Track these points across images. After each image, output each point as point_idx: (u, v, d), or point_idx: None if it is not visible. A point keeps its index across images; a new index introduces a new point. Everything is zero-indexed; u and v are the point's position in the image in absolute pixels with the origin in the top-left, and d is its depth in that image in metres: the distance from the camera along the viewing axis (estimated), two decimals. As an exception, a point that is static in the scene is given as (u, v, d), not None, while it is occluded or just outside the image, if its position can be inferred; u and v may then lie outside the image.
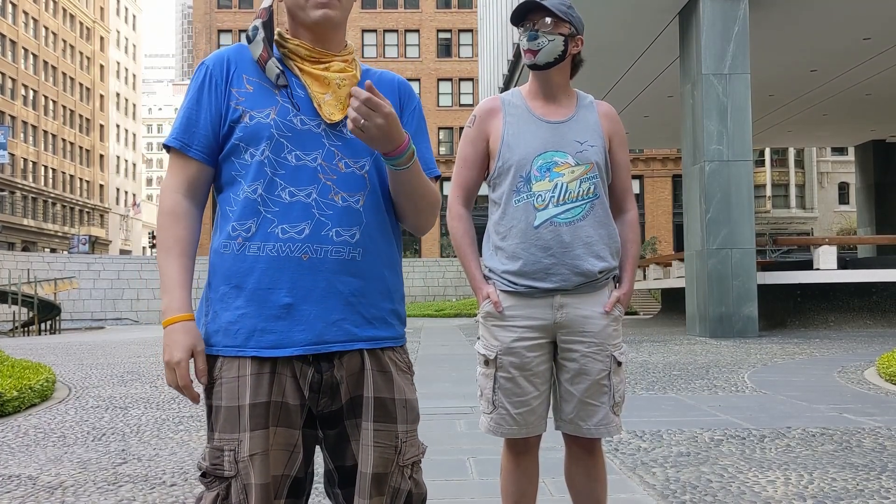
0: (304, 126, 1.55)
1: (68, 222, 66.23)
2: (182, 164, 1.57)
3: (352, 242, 1.55)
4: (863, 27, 15.51)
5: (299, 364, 1.52)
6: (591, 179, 2.17)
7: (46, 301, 29.75)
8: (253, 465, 1.46)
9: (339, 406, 1.56)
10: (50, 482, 3.69)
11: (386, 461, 1.55)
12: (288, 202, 1.52)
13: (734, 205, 13.14)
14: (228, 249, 1.53)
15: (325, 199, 1.54)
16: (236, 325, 1.51)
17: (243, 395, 1.48)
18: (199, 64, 1.61)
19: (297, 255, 1.51)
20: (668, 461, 3.89)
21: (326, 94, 1.58)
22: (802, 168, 55.06)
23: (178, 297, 1.51)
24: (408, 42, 48.96)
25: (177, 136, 1.57)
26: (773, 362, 8.70)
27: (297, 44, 1.59)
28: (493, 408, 2.21)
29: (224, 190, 1.58)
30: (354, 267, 1.55)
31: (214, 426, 1.51)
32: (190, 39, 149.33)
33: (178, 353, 1.47)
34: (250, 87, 1.57)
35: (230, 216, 1.54)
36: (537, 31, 2.16)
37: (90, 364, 10.36)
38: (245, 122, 1.54)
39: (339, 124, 1.58)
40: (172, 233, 1.54)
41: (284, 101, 1.56)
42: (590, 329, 2.16)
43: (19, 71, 59.28)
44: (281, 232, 1.51)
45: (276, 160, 1.53)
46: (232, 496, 1.47)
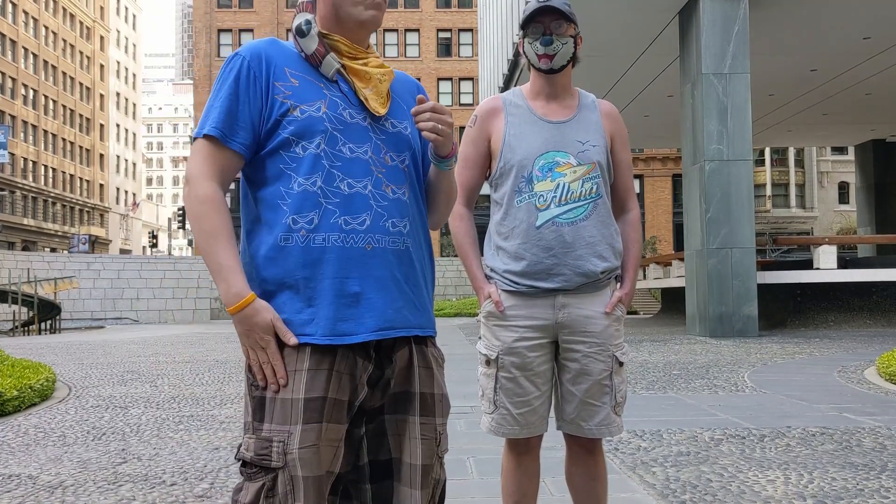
0: (353, 119, 1.58)
1: (68, 222, 66.23)
2: (218, 153, 1.55)
3: (404, 233, 1.60)
4: (863, 27, 15.51)
5: (362, 361, 1.54)
6: (594, 179, 2.17)
7: (46, 300, 29.74)
8: (302, 457, 1.46)
9: (382, 402, 1.60)
10: (50, 481, 3.69)
11: (431, 453, 1.62)
12: (347, 193, 1.54)
13: (734, 204, 13.14)
14: (291, 241, 1.52)
15: (379, 190, 1.57)
16: (304, 314, 1.51)
17: (298, 389, 1.49)
18: (231, 55, 1.59)
19: (361, 245, 1.53)
20: (668, 461, 3.89)
21: (367, 88, 1.61)
22: (802, 168, 55.05)
23: (237, 281, 1.49)
24: (408, 41, 48.95)
25: (217, 125, 1.54)
26: (773, 362, 8.70)
27: (338, 39, 1.60)
28: (494, 408, 2.21)
29: (269, 183, 1.56)
30: (407, 256, 1.60)
31: (265, 417, 1.50)
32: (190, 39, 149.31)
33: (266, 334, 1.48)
34: (295, 81, 1.57)
35: (285, 209, 1.53)
36: (551, 35, 2.14)
37: (90, 363, 10.35)
38: (295, 115, 1.54)
39: (382, 119, 1.63)
40: (218, 220, 1.52)
41: (333, 95, 1.58)
42: (591, 329, 2.16)
43: (19, 70, 59.27)
44: (344, 223, 1.53)
45: (332, 152, 1.55)
46: (278, 487, 1.46)
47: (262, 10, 47.93)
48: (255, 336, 1.48)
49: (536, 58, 2.17)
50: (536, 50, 2.16)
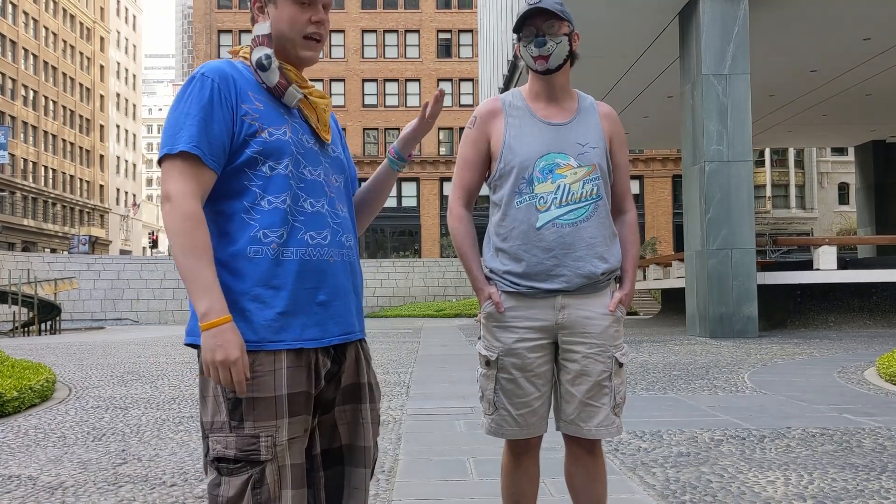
0: (309, 144, 1.74)
1: (68, 222, 66.23)
2: (197, 171, 1.62)
3: (352, 247, 1.79)
4: (863, 27, 15.51)
5: (323, 357, 1.69)
6: (594, 181, 2.17)
7: (46, 301, 29.75)
8: (290, 448, 1.61)
9: (335, 394, 1.75)
10: (50, 482, 3.69)
11: (376, 434, 1.83)
12: (311, 212, 1.70)
13: (734, 205, 13.14)
14: (261, 254, 1.63)
15: (332, 209, 1.74)
16: (277, 322, 1.63)
17: (280, 386, 1.61)
18: (197, 76, 1.65)
19: (325, 258, 1.69)
20: (668, 461, 3.89)
21: (313, 116, 1.76)
22: (802, 168, 55.04)
23: (219, 300, 1.57)
24: (408, 42, 48.95)
25: (196, 143, 1.61)
26: (773, 362, 8.70)
27: (289, 69, 1.73)
28: (494, 409, 2.21)
29: (235, 197, 1.66)
30: (353, 269, 1.79)
31: (245, 416, 1.60)
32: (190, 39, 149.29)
33: (235, 351, 1.55)
34: (260, 105, 1.68)
35: (251, 223, 1.64)
36: (544, 37, 2.14)
37: (90, 364, 10.36)
38: (264, 136, 1.65)
39: (327, 145, 1.80)
40: (200, 238, 1.59)
41: (294, 121, 1.72)
42: (591, 330, 2.16)
43: (19, 71, 59.28)
44: (310, 238, 1.68)
45: (297, 174, 1.69)
46: (266, 478, 1.58)
47: (262, 11, 47.90)
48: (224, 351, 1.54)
49: (532, 60, 2.17)
50: (531, 52, 2.16)
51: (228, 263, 1.64)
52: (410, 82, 48.57)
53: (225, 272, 1.63)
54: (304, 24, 1.71)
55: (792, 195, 54.66)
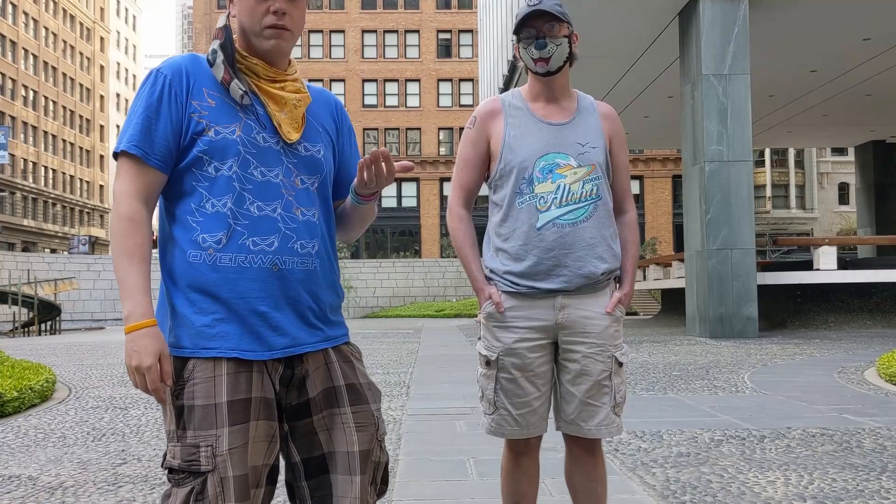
0: (266, 143, 1.63)
1: (68, 223, 66.24)
2: (139, 171, 1.58)
3: (312, 253, 1.66)
4: (863, 27, 15.51)
5: (272, 363, 1.61)
6: (594, 181, 2.17)
7: (46, 301, 29.75)
8: (231, 458, 1.52)
9: (306, 399, 1.66)
10: (50, 482, 3.69)
11: (370, 438, 1.69)
12: (257, 216, 1.60)
13: (734, 205, 13.14)
14: (199, 259, 1.57)
15: (289, 213, 1.63)
16: (213, 328, 1.56)
17: (220, 394, 1.54)
18: (153, 72, 1.62)
19: (267, 265, 1.59)
20: (669, 461, 3.89)
21: (282, 112, 1.66)
22: (802, 168, 55.04)
23: (142, 303, 1.53)
24: (408, 42, 48.95)
25: (136, 143, 1.57)
26: (773, 363, 8.70)
27: (255, 62, 1.66)
28: (494, 409, 2.21)
29: (182, 199, 1.61)
30: (315, 276, 1.67)
31: (187, 425, 1.55)
32: (190, 40, 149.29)
33: (149, 358, 1.50)
34: (212, 102, 1.61)
35: (194, 226, 1.58)
36: (545, 39, 2.14)
37: (90, 364, 10.36)
38: (210, 135, 1.58)
39: (295, 143, 1.68)
40: (133, 239, 1.55)
41: (249, 119, 1.62)
42: (591, 330, 2.16)
43: (19, 71, 59.28)
44: (252, 244, 1.59)
45: (244, 175, 1.59)
46: (208, 489, 1.51)
47: (262, 12, 47.92)
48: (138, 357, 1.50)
49: (532, 62, 2.17)
50: (532, 54, 2.16)
51: (171, 266, 1.60)
52: (410, 82, 48.57)
53: (167, 275, 1.61)
54: (261, 14, 1.63)
55: (792, 195, 54.66)
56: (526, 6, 2.16)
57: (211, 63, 1.63)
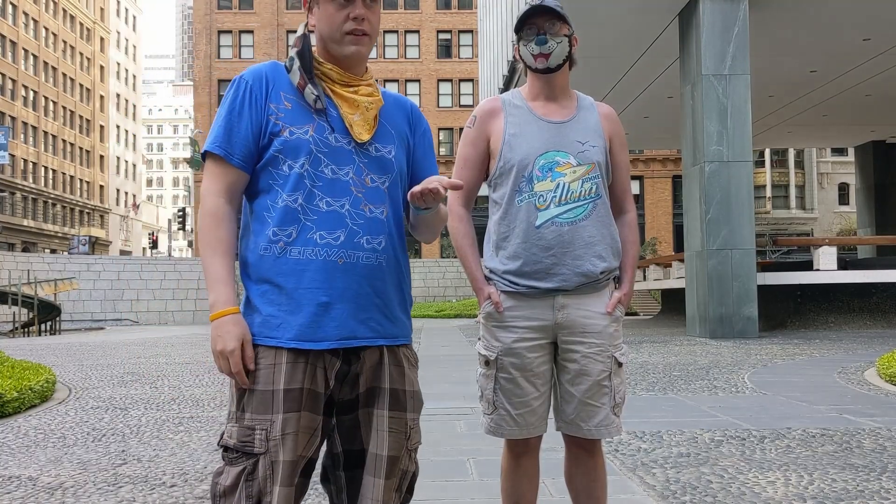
0: (337, 143, 1.73)
1: (68, 223, 66.22)
2: (223, 170, 1.71)
3: (378, 250, 1.73)
4: (863, 27, 15.51)
5: (329, 356, 1.68)
6: (593, 179, 2.17)
7: (46, 302, 29.75)
8: (284, 443, 1.60)
9: (356, 395, 1.73)
10: (50, 483, 3.69)
11: (399, 446, 1.74)
12: (325, 211, 1.69)
13: (734, 205, 13.13)
14: (269, 252, 1.68)
15: (356, 209, 1.72)
16: (277, 319, 1.66)
17: (278, 381, 1.63)
18: (236, 79, 1.76)
19: (333, 259, 1.68)
20: (669, 462, 3.89)
21: (355, 114, 1.75)
22: (802, 169, 55.03)
23: (226, 292, 1.65)
24: (408, 43, 48.95)
25: (220, 144, 1.70)
26: (774, 363, 8.69)
27: (330, 68, 1.77)
28: (493, 408, 2.21)
29: (259, 196, 1.73)
30: (380, 272, 1.73)
31: (246, 407, 1.64)
32: (190, 40, 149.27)
33: (232, 342, 1.61)
34: (288, 105, 1.73)
35: (268, 221, 1.69)
36: (545, 35, 2.15)
37: (90, 365, 10.35)
38: (285, 136, 1.70)
39: (367, 143, 1.76)
40: (216, 234, 1.67)
41: (321, 120, 1.73)
42: (590, 330, 2.16)
43: (19, 72, 59.28)
44: (319, 238, 1.68)
45: (315, 173, 1.70)
46: (259, 471, 1.60)
47: (262, 12, 47.96)
48: (223, 342, 1.61)
49: (532, 58, 2.18)
50: (532, 50, 2.17)
51: (246, 258, 1.72)
52: (410, 82, 48.57)
53: (242, 267, 1.73)
54: (341, 21, 1.73)
55: (792, 195, 54.66)
56: (527, 4, 2.17)
57: (288, 69, 1.75)
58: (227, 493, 1.60)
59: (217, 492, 1.62)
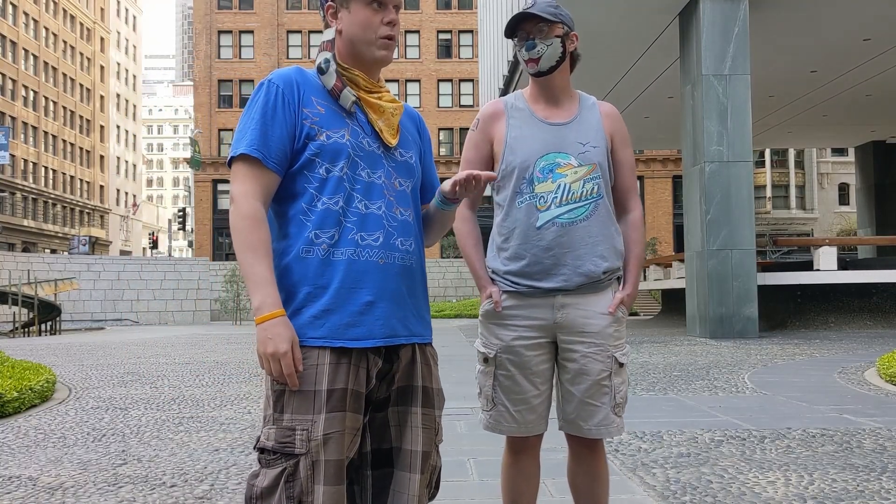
0: (370, 148, 1.75)
1: (68, 223, 66.22)
2: (258, 173, 1.69)
3: (410, 251, 1.77)
4: (863, 27, 15.51)
5: (373, 355, 1.69)
6: (594, 180, 2.17)
7: (46, 302, 29.74)
8: (326, 444, 1.60)
9: (388, 394, 1.75)
10: (50, 483, 3.69)
11: (430, 441, 1.77)
12: (364, 213, 1.71)
13: (734, 205, 13.13)
14: (312, 254, 1.68)
15: (390, 211, 1.75)
16: (322, 319, 1.66)
17: (321, 381, 1.63)
18: (265, 82, 1.74)
19: (374, 259, 1.70)
20: (669, 462, 3.89)
21: (381, 120, 1.77)
22: (802, 169, 55.04)
23: (271, 294, 1.62)
24: (408, 43, 48.96)
25: (257, 147, 1.68)
26: (774, 363, 8.69)
27: (357, 74, 1.77)
28: (492, 405, 2.22)
29: (294, 199, 1.72)
30: (411, 272, 1.78)
31: (285, 408, 1.63)
32: (190, 40, 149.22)
33: (284, 344, 1.59)
34: (321, 109, 1.73)
35: (307, 224, 1.69)
36: (534, 40, 2.17)
37: (90, 365, 10.35)
38: (321, 140, 1.70)
39: (393, 148, 1.80)
40: (257, 235, 1.65)
41: (354, 125, 1.74)
42: (590, 329, 2.16)
43: (20, 72, 59.28)
44: (360, 239, 1.70)
45: (353, 176, 1.72)
46: (300, 472, 1.59)
47: (262, 12, 47.96)
48: (274, 344, 1.59)
49: (525, 63, 2.21)
50: (523, 56, 2.20)
51: (286, 262, 1.70)
52: (410, 83, 48.57)
53: (281, 271, 1.71)
54: (377, 26, 1.75)
55: (792, 196, 54.67)
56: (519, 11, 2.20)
57: (323, 71, 1.75)
58: (265, 494, 1.59)
59: (254, 493, 1.61)
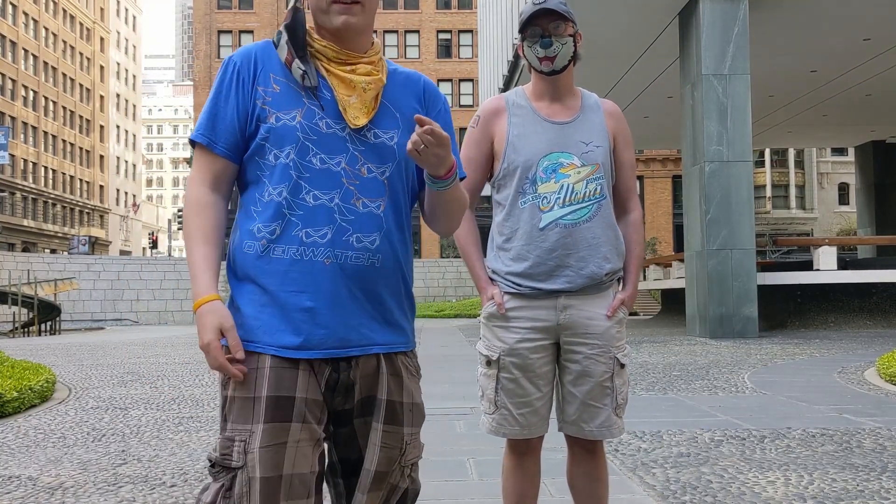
0: (329, 129, 1.56)
1: (68, 223, 66.20)
2: (207, 159, 1.59)
3: (371, 248, 1.56)
4: (863, 27, 15.51)
5: (318, 363, 1.53)
6: (598, 180, 2.16)
7: (46, 302, 29.74)
8: (262, 457, 1.44)
9: (351, 406, 1.58)
10: (50, 483, 3.69)
11: (390, 461, 1.59)
12: (312, 206, 1.53)
13: (734, 205, 13.13)
14: (252, 249, 1.54)
15: (347, 203, 1.55)
16: (258, 320, 1.53)
17: (260, 387, 1.48)
18: (226, 60, 1.62)
19: (319, 259, 1.52)
20: (669, 462, 3.89)
21: (352, 97, 1.58)
22: (802, 169, 55.03)
23: (202, 281, 1.52)
24: (408, 43, 48.95)
25: (203, 132, 1.58)
26: (773, 363, 8.69)
27: (325, 45, 1.59)
28: (495, 408, 2.20)
29: (248, 189, 1.60)
30: (373, 273, 1.57)
31: (227, 416, 1.51)
32: (190, 40, 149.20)
33: (207, 334, 1.47)
34: (277, 87, 1.57)
35: (255, 216, 1.56)
36: (550, 38, 2.12)
37: (90, 365, 10.35)
38: (271, 122, 1.55)
39: (363, 129, 1.59)
40: (195, 222, 1.55)
41: (311, 104, 1.56)
42: (593, 331, 2.15)
43: (19, 72, 59.26)
44: (305, 236, 1.52)
45: (301, 163, 1.54)
46: (235, 488, 1.45)
47: (261, 12, 47.95)
48: (201, 335, 1.47)
49: (538, 61, 2.15)
50: (537, 53, 2.14)
51: (232, 255, 1.60)
52: (410, 83, 48.56)
53: (228, 264, 1.62)
54: None
55: (792, 195, 54.66)
56: (531, 4, 2.13)
57: (275, 44, 1.60)
58: None
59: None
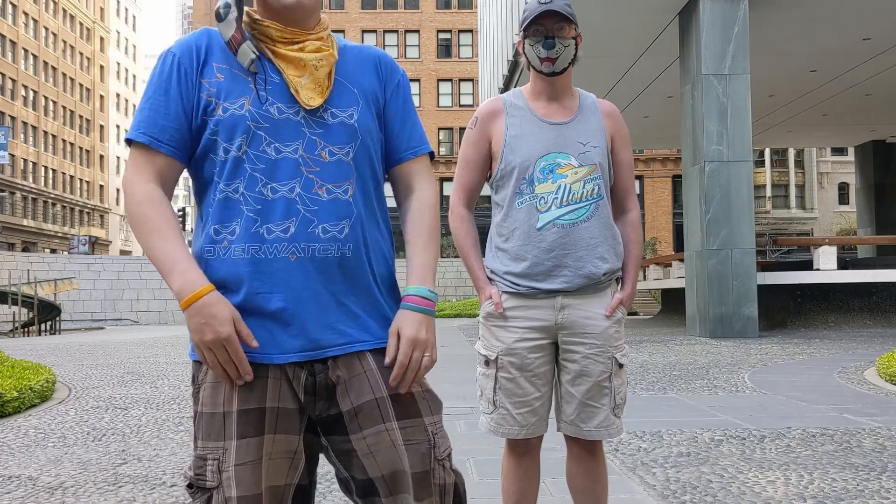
0: (281, 115, 1.43)
1: (68, 223, 66.20)
2: (149, 158, 1.42)
3: (340, 238, 1.44)
4: (863, 27, 15.51)
5: (291, 367, 1.42)
6: (595, 180, 2.16)
7: (46, 301, 29.75)
8: (238, 476, 1.35)
9: (338, 412, 1.45)
10: (50, 483, 3.69)
11: (424, 458, 1.45)
12: (270, 199, 1.41)
13: (734, 205, 13.14)
14: (214, 254, 1.42)
15: (309, 193, 1.43)
16: None
17: (229, 401, 1.38)
18: (163, 53, 1.47)
19: (284, 255, 1.40)
20: (669, 461, 3.89)
21: (303, 77, 1.45)
22: (802, 168, 55.04)
23: (191, 270, 1.36)
24: (408, 42, 48.95)
25: (144, 129, 1.42)
26: (773, 363, 8.69)
27: (268, 24, 1.46)
28: (493, 408, 2.20)
29: (203, 190, 1.47)
30: (345, 264, 1.45)
31: (197, 434, 1.41)
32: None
33: (224, 326, 1.33)
34: (221, 76, 1.44)
35: (212, 218, 1.43)
36: (553, 39, 2.12)
37: (90, 365, 10.35)
38: (218, 114, 1.42)
39: (319, 110, 1.46)
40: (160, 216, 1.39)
41: (261, 89, 1.44)
42: (591, 331, 2.16)
43: (19, 71, 59.25)
44: (266, 232, 1.40)
45: (255, 154, 1.41)
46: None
47: (262, 11, 47.95)
48: (212, 329, 1.33)
49: (539, 61, 2.15)
50: (539, 53, 2.14)
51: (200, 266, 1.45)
52: (410, 82, 48.54)
53: None
54: None
55: (792, 195, 54.67)
56: (536, 3, 2.12)
57: (221, 18, 1.43)
58: None
59: None
